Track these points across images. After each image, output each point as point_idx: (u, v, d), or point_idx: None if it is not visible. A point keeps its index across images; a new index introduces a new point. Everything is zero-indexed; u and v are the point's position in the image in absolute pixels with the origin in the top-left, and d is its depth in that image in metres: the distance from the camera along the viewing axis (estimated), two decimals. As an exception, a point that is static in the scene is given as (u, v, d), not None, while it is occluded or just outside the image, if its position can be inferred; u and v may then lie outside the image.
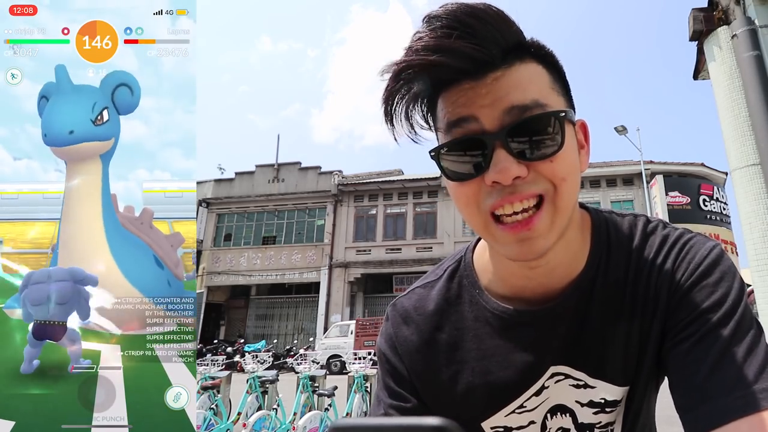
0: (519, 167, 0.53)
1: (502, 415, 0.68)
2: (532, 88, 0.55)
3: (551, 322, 0.64)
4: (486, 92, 0.54)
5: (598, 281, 0.64)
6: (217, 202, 23.11)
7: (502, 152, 0.53)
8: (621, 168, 20.39)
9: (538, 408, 0.68)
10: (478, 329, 0.68)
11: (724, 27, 4.30)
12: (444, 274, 0.74)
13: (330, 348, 16.02)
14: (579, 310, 0.64)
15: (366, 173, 22.86)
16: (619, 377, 0.64)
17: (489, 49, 0.53)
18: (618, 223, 0.68)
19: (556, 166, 0.54)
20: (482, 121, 0.54)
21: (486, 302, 0.68)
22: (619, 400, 0.65)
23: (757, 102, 3.91)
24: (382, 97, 0.58)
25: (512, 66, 0.55)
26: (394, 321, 0.74)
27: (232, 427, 4.93)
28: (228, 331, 22.83)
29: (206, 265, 22.10)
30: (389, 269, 20.04)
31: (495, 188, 0.55)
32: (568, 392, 0.66)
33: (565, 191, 0.56)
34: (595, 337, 0.64)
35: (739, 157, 4.16)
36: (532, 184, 0.54)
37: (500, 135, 0.53)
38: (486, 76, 0.54)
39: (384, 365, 0.74)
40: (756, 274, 4.06)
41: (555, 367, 0.66)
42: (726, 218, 19.63)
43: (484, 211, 0.57)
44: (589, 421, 0.67)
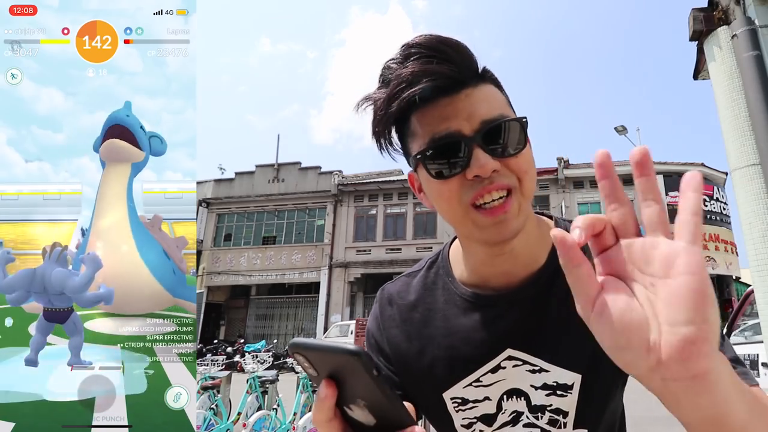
0: (494, 162, 0.66)
1: (461, 387, 0.76)
2: (496, 104, 0.69)
3: (509, 306, 0.75)
4: (462, 107, 0.67)
5: (556, 278, 0.72)
6: (217, 202, 23.10)
7: (479, 151, 0.66)
8: (621, 168, 20.17)
9: (493, 385, 0.75)
10: (447, 310, 0.80)
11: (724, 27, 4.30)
12: (425, 265, 0.87)
13: (330, 348, 15.98)
14: (538, 300, 0.74)
15: (366, 173, 22.85)
16: (572, 364, 0.72)
17: (462, 71, 0.67)
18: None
19: (520, 161, 0.68)
20: (462, 130, 0.66)
21: (456, 288, 0.80)
22: (570, 384, 0.72)
23: (757, 102, 3.90)
24: (377, 125, 0.72)
25: (478, 85, 0.69)
26: (380, 303, 0.88)
27: (232, 427, 4.93)
28: (228, 331, 22.83)
29: (206, 265, 22.09)
30: (389, 269, 20.02)
31: (475, 182, 0.66)
32: (524, 377, 0.74)
33: (528, 181, 0.69)
34: (552, 326, 0.73)
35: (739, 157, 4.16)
36: (504, 177, 0.67)
37: (477, 138, 0.66)
38: (460, 92, 0.67)
39: (369, 340, 0.87)
40: (756, 274, 4.06)
41: (512, 351, 0.74)
42: (726, 218, 19.64)
43: (464, 203, 0.68)
44: (541, 403, 0.73)
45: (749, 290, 6.16)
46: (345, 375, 0.44)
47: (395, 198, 21.51)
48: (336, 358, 0.43)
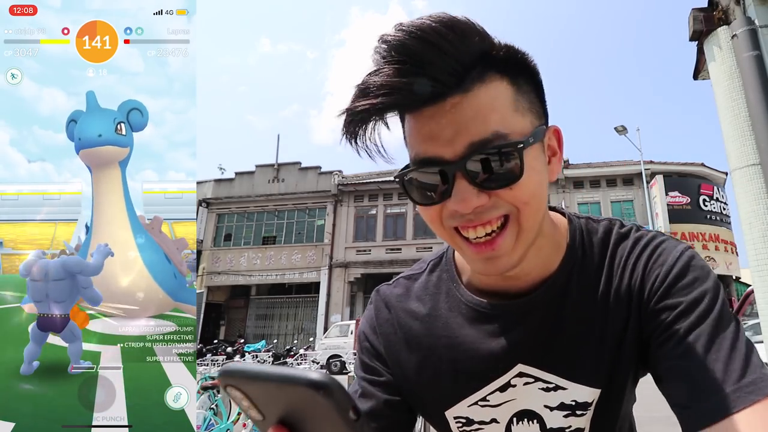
0: (479, 197, 0.54)
1: (465, 405, 0.69)
2: (493, 117, 0.54)
3: (521, 317, 0.66)
4: (446, 122, 0.54)
5: (571, 284, 0.66)
6: (217, 202, 23.11)
7: (462, 182, 0.54)
8: (621, 168, 20.39)
9: (502, 406, 0.68)
10: (450, 319, 0.70)
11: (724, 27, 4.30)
12: (427, 267, 0.78)
13: (330, 348, 16.01)
14: (551, 310, 0.65)
15: (366, 173, 22.85)
16: (592, 379, 0.65)
17: (442, 81, 0.52)
18: (592, 229, 0.70)
19: (517, 192, 0.55)
20: (443, 155, 0.55)
21: (461, 294, 0.71)
22: (590, 402, 0.65)
23: (757, 102, 3.90)
24: (344, 136, 0.58)
25: (470, 91, 0.54)
26: (376, 305, 0.78)
27: (232, 427, 4.93)
28: (228, 331, 22.83)
29: (206, 265, 22.09)
30: (389, 269, 20.01)
31: (457, 214, 0.56)
32: (537, 396, 0.66)
33: (529, 213, 0.57)
34: (567, 339, 0.65)
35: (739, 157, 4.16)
36: (494, 210, 0.56)
37: (460, 165, 0.54)
38: (445, 101, 0.54)
39: (362, 343, 0.77)
40: (756, 274, 4.06)
41: (524, 366, 0.66)
42: (726, 218, 19.63)
43: (448, 228, 0.59)
44: (558, 425, 0.66)
45: (749, 290, 6.16)
46: (305, 418, 0.31)
47: (395, 198, 21.51)
48: (292, 393, 0.30)
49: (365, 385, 0.73)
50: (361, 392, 0.73)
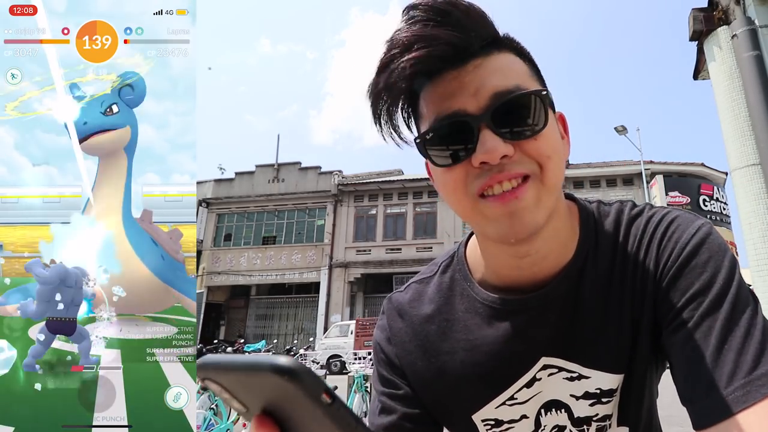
0: (506, 146, 0.55)
1: (493, 407, 0.67)
2: (512, 75, 0.57)
3: (540, 310, 0.64)
4: (469, 80, 0.56)
5: (587, 270, 0.64)
6: (217, 202, 23.11)
7: (488, 133, 0.55)
8: (621, 168, 20.39)
9: (530, 401, 0.66)
10: (468, 320, 0.68)
11: (724, 27, 4.31)
12: (438, 269, 0.75)
13: (330, 348, 16.01)
14: (569, 298, 0.64)
15: (366, 173, 22.85)
16: (614, 365, 0.63)
17: (467, 36, 0.55)
18: (605, 212, 0.69)
19: (540, 144, 0.56)
20: (467, 108, 0.56)
21: (476, 293, 0.69)
22: (615, 389, 0.64)
23: (757, 102, 3.90)
24: (369, 99, 0.60)
25: (491, 54, 0.57)
26: (389, 314, 0.76)
27: (232, 427, 4.93)
28: (228, 331, 22.83)
29: (206, 265, 22.10)
30: (389, 269, 20.03)
31: (483, 169, 0.56)
32: (562, 386, 0.65)
33: (551, 169, 0.57)
34: (586, 326, 0.64)
35: (739, 157, 4.16)
36: (519, 164, 0.56)
37: (485, 117, 0.55)
38: (467, 63, 0.56)
39: (378, 355, 0.75)
40: (756, 274, 4.06)
41: (547, 359, 0.65)
42: (726, 218, 19.63)
43: (471, 194, 0.58)
44: (585, 414, 0.65)
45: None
46: (284, 406, 0.31)
47: (395, 198, 21.51)
48: (263, 382, 0.29)
49: (384, 400, 0.71)
50: (381, 407, 0.71)
